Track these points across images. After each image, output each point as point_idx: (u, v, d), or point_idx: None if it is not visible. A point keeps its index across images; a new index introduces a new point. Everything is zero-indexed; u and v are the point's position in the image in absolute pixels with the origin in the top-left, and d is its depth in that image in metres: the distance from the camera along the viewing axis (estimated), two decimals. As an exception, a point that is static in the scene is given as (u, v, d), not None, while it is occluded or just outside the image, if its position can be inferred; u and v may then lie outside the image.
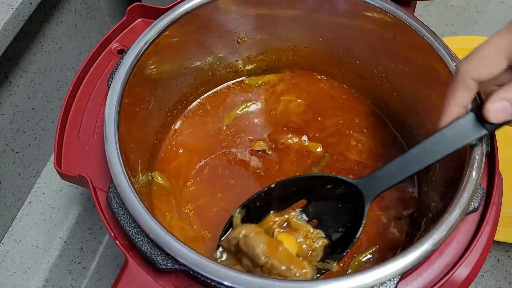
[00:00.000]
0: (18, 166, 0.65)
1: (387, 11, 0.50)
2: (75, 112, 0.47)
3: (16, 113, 0.62)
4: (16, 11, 0.54)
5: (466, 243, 0.39)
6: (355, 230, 0.42)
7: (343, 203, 0.44)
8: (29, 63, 0.63)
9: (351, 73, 0.60)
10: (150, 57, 0.48)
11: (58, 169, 0.43)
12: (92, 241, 0.63)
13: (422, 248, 0.35)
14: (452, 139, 0.38)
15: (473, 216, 0.40)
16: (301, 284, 0.34)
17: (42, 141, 0.68)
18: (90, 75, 0.49)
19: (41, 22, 0.64)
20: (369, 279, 0.34)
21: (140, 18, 0.54)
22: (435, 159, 0.39)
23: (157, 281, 0.36)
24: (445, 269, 0.38)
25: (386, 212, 0.52)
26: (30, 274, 0.61)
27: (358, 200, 0.42)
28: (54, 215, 0.65)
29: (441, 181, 0.48)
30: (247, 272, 0.40)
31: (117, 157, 0.40)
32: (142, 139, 0.51)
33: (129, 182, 0.39)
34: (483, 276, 0.61)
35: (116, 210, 0.38)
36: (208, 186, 0.54)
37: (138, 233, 0.37)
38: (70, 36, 0.71)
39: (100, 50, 0.51)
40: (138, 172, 0.49)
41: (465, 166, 0.39)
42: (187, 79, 0.58)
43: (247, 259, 0.41)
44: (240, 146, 0.57)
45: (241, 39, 0.58)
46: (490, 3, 0.88)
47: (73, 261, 0.62)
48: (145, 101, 0.51)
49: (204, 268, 0.34)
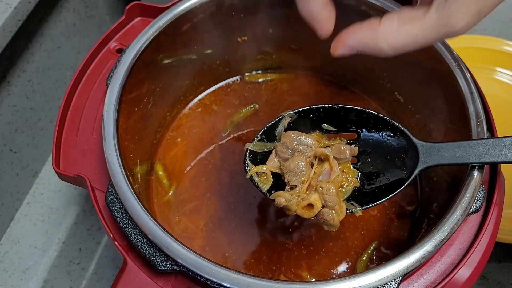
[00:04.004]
0: (16, 166, 0.64)
1: (388, 11, 0.49)
2: (73, 112, 0.47)
3: (14, 113, 0.62)
4: (15, 10, 0.54)
5: (468, 244, 0.39)
6: (391, 188, 0.40)
7: (392, 156, 0.42)
8: (27, 63, 0.63)
9: (352, 73, 0.60)
10: (149, 56, 0.48)
11: (57, 169, 0.42)
12: (90, 242, 0.63)
13: (424, 249, 0.35)
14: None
15: (475, 217, 0.40)
16: (301, 285, 0.34)
17: (40, 141, 0.68)
18: (88, 75, 0.49)
19: (39, 21, 0.64)
20: (371, 280, 0.33)
21: (139, 17, 0.53)
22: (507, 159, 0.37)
23: (156, 282, 0.36)
24: (447, 270, 0.37)
25: (391, 207, 0.52)
26: (29, 275, 0.61)
27: (411, 160, 0.40)
28: (53, 216, 0.65)
29: (442, 181, 0.47)
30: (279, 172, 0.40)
31: (115, 157, 0.40)
32: (141, 138, 0.51)
33: (128, 182, 0.38)
34: (485, 277, 0.61)
35: (114, 210, 0.38)
36: (208, 186, 0.53)
37: (137, 233, 0.37)
38: (69, 36, 0.71)
39: (99, 49, 0.50)
40: (137, 172, 0.48)
41: (467, 166, 0.39)
42: (187, 78, 0.57)
43: (291, 167, 0.39)
44: (240, 147, 0.57)
45: (241, 38, 0.58)
46: (491, 3, 0.88)
47: (72, 262, 0.62)
48: (144, 101, 0.51)
49: (203, 270, 0.34)
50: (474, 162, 0.38)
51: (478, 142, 0.38)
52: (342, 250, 0.49)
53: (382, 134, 0.43)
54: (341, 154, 0.41)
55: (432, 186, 0.50)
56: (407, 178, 0.40)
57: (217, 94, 0.61)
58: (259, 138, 0.43)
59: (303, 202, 0.38)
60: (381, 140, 0.43)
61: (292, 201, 0.39)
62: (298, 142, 0.41)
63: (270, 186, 0.41)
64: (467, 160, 0.38)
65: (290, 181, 0.40)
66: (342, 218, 0.39)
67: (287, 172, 0.40)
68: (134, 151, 0.48)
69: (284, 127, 0.43)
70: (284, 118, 0.43)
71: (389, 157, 0.42)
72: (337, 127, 0.44)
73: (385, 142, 0.43)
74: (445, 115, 0.48)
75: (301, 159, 0.40)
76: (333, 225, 0.38)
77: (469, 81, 0.44)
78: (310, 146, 0.41)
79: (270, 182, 0.41)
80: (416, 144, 0.40)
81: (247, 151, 0.42)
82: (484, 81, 0.71)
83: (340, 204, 0.39)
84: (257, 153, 0.43)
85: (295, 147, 0.41)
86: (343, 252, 0.49)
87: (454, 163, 0.39)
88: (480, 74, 0.71)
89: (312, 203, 0.38)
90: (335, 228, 0.39)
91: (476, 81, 0.45)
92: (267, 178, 0.41)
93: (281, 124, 0.43)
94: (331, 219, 0.38)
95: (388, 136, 0.42)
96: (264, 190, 0.41)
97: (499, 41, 0.73)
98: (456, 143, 0.39)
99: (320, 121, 0.44)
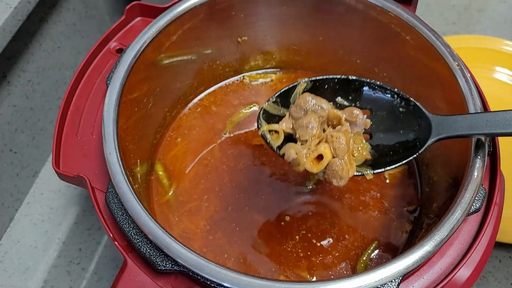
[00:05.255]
0: (16, 167, 0.64)
1: (388, 10, 0.49)
2: (73, 112, 0.47)
3: (14, 113, 0.62)
4: (15, 10, 0.54)
5: (467, 244, 0.39)
6: (403, 159, 0.41)
7: (405, 129, 0.43)
8: (27, 63, 0.63)
9: (352, 72, 0.60)
10: (149, 56, 0.48)
11: (57, 169, 0.42)
12: (90, 242, 0.63)
13: (424, 249, 0.35)
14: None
15: (475, 217, 0.40)
16: (301, 285, 0.34)
17: (40, 141, 0.68)
18: (88, 75, 0.49)
19: (39, 21, 0.64)
20: (371, 280, 0.33)
21: (139, 17, 0.53)
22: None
23: (156, 282, 0.36)
24: (447, 270, 0.37)
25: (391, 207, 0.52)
26: (29, 275, 0.61)
27: (423, 133, 0.41)
28: (53, 216, 0.65)
29: (442, 181, 0.47)
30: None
31: (115, 157, 0.40)
32: (141, 139, 0.51)
33: (128, 182, 0.38)
34: (485, 277, 0.61)
35: (114, 210, 0.38)
36: (208, 186, 0.53)
37: (137, 233, 0.37)
38: (69, 35, 0.71)
39: (99, 49, 0.50)
40: (137, 172, 0.48)
41: (467, 166, 0.39)
42: (187, 78, 0.57)
43: (304, 123, 0.40)
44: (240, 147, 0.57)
45: (241, 38, 0.58)
46: (492, 2, 0.88)
47: (72, 262, 0.62)
48: (144, 101, 0.51)
49: (203, 270, 0.34)
50: (485, 133, 0.39)
51: (489, 114, 0.39)
52: (342, 250, 0.49)
53: (395, 109, 0.43)
54: (353, 117, 0.41)
55: (432, 186, 0.50)
56: (420, 148, 0.41)
57: (217, 94, 0.61)
58: (274, 100, 0.44)
59: (313, 154, 0.39)
60: (394, 115, 0.43)
61: (302, 152, 0.39)
62: (313, 104, 0.41)
63: (280, 143, 0.42)
64: (478, 131, 0.39)
65: (302, 136, 0.40)
66: (352, 174, 0.40)
67: (299, 128, 0.41)
68: (134, 151, 0.48)
69: (300, 93, 0.44)
70: (300, 84, 0.44)
71: (402, 131, 0.43)
72: (351, 101, 0.45)
73: (398, 117, 0.43)
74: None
75: (314, 116, 0.40)
76: (342, 177, 0.39)
77: (469, 81, 0.44)
78: (324, 108, 0.41)
79: (281, 139, 0.42)
80: (428, 117, 0.41)
81: (262, 110, 0.43)
82: (484, 81, 0.71)
83: (350, 157, 0.40)
84: (271, 116, 0.44)
85: (309, 108, 0.41)
86: (343, 252, 0.49)
87: (466, 134, 0.39)
88: (480, 74, 0.71)
89: (321, 153, 0.39)
90: (344, 181, 0.39)
91: (476, 81, 0.45)
92: (279, 136, 0.42)
93: (297, 90, 0.44)
94: (340, 169, 0.38)
95: (401, 111, 0.43)
96: (274, 146, 0.42)
97: (499, 41, 0.73)
98: (468, 115, 0.40)
99: (334, 94, 0.45)
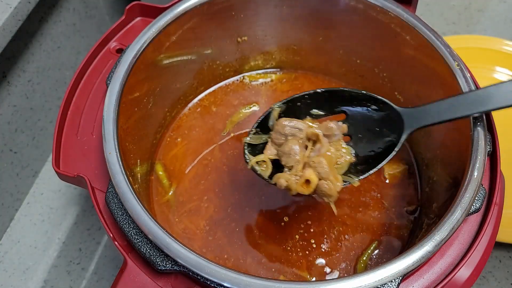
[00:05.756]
0: (16, 167, 0.64)
1: (388, 10, 0.49)
2: (73, 112, 0.47)
3: (14, 113, 0.62)
4: (15, 10, 0.54)
5: (467, 244, 0.39)
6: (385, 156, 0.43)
7: (381, 127, 0.45)
8: (27, 63, 0.63)
9: (352, 73, 0.60)
10: (149, 56, 0.48)
11: (57, 169, 0.42)
12: (90, 242, 0.63)
13: (424, 249, 0.35)
14: (506, 95, 0.38)
15: (475, 217, 0.40)
16: (301, 285, 0.34)
17: (40, 141, 0.68)
18: (88, 75, 0.49)
19: (39, 21, 0.64)
20: (371, 280, 0.33)
21: (139, 17, 0.53)
22: (487, 108, 0.39)
23: (156, 282, 0.36)
24: (447, 270, 0.37)
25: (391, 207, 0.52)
26: (29, 275, 0.61)
27: (397, 128, 0.42)
28: (53, 216, 0.65)
29: (442, 181, 0.47)
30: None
31: (115, 157, 0.40)
32: (141, 139, 0.51)
33: (128, 182, 0.38)
34: (485, 277, 0.61)
35: (114, 210, 0.38)
36: (208, 186, 0.53)
37: (137, 233, 0.37)
38: (69, 35, 0.71)
39: (99, 49, 0.50)
40: (137, 172, 0.48)
41: (467, 166, 0.39)
42: (187, 78, 0.57)
43: (287, 149, 0.42)
44: (240, 147, 0.57)
45: (241, 38, 0.58)
46: (492, 2, 0.88)
47: (72, 262, 0.62)
48: (144, 101, 0.51)
49: (203, 270, 0.34)
50: (464, 115, 0.39)
51: (465, 95, 0.39)
52: (342, 250, 0.49)
53: (367, 109, 0.45)
54: (329, 130, 0.44)
55: (432, 186, 0.50)
56: (396, 143, 0.42)
57: (217, 94, 0.61)
58: (254, 131, 0.46)
59: (301, 179, 0.41)
60: (367, 115, 0.45)
61: (291, 179, 0.41)
62: (290, 127, 0.43)
63: (270, 172, 0.44)
64: (456, 115, 0.39)
65: (287, 163, 0.42)
66: (339, 188, 0.42)
67: (283, 155, 0.43)
68: (134, 151, 0.48)
69: (276, 118, 0.46)
70: (274, 110, 0.46)
71: (378, 129, 0.45)
72: (325, 111, 0.47)
73: (372, 116, 0.45)
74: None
75: (294, 142, 0.42)
76: (331, 195, 0.41)
77: (469, 81, 0.44)
78: (301, 129, 0.43)
79: (270, 169, 0.44)
80: (398, 111, 0.42)
81: (246, 144, 0.45)
82: (484, 81, 0.71)
83: (335, 175, 0.42)
84: (255, 146, 0.46)
85: (288, 132, 0.43)
86: (343, 252, 0.49)
87: (443, 120, 0.40)
88: (480, 74, 0.71)
89: (308, 178, 0.41)
90: (334, 198, 0.42)
91: (476, 81, 0.45)
92: (267, 166, 0.44)
93: (272, 116, 0.46)
94: (327, 188, 0.41)
95: (373, 110, 0.45)
96: (265, 177, 0.44)
97: (499, 41, 0.73)
98: (442, 101, 0.40)
99: (308, 107, 0.47)
